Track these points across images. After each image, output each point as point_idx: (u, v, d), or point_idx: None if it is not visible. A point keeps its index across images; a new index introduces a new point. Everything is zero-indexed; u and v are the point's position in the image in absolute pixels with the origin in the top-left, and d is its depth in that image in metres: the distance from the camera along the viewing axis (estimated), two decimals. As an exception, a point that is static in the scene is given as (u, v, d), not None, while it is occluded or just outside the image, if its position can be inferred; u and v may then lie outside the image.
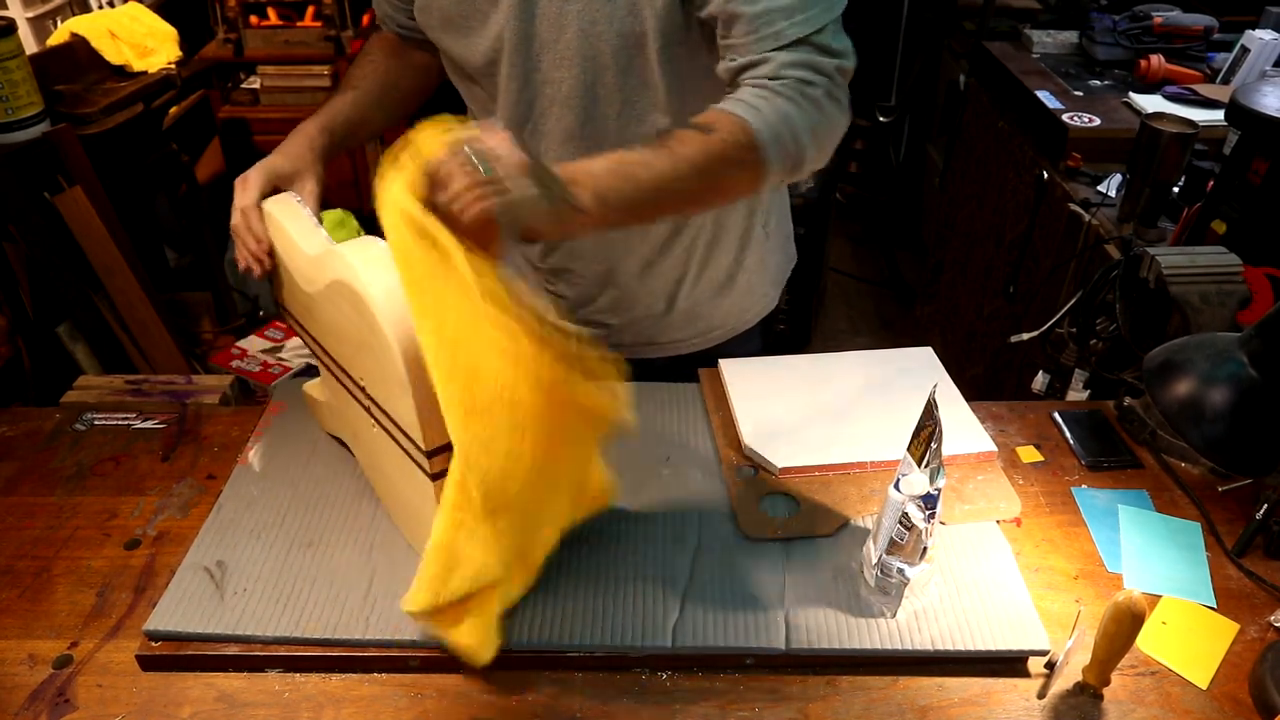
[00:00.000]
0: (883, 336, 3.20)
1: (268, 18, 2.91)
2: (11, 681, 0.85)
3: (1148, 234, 1.64)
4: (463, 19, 1.05)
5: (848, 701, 0.84)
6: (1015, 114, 2.26)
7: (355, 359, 0.89)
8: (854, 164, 3.71)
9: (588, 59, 1.01)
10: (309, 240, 0.93)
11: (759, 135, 0.88)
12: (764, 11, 0.91)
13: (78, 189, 2.01)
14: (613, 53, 1.00)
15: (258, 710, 0.83)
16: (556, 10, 0.99)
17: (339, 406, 1.03)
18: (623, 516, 1.00)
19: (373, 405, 0.89)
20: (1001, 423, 1.18)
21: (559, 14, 0.99)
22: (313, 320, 0.97)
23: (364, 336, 0.83)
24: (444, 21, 1.07)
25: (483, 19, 1.03)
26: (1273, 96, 1.47)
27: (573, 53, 1.01)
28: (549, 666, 0.87)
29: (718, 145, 0.87)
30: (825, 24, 0.92)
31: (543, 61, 1.03)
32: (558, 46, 1.01)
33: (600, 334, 1.27)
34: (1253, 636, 0.91)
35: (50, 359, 2.08)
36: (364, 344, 0.84)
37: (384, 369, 0.81)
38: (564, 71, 1.03)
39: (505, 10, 1.01)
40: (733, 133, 0.88)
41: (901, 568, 0.87)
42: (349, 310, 0.83)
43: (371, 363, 0.85)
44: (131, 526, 1.01)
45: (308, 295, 0.93)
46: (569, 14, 0.99)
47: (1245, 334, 0.84)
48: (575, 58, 1.01)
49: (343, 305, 0.84)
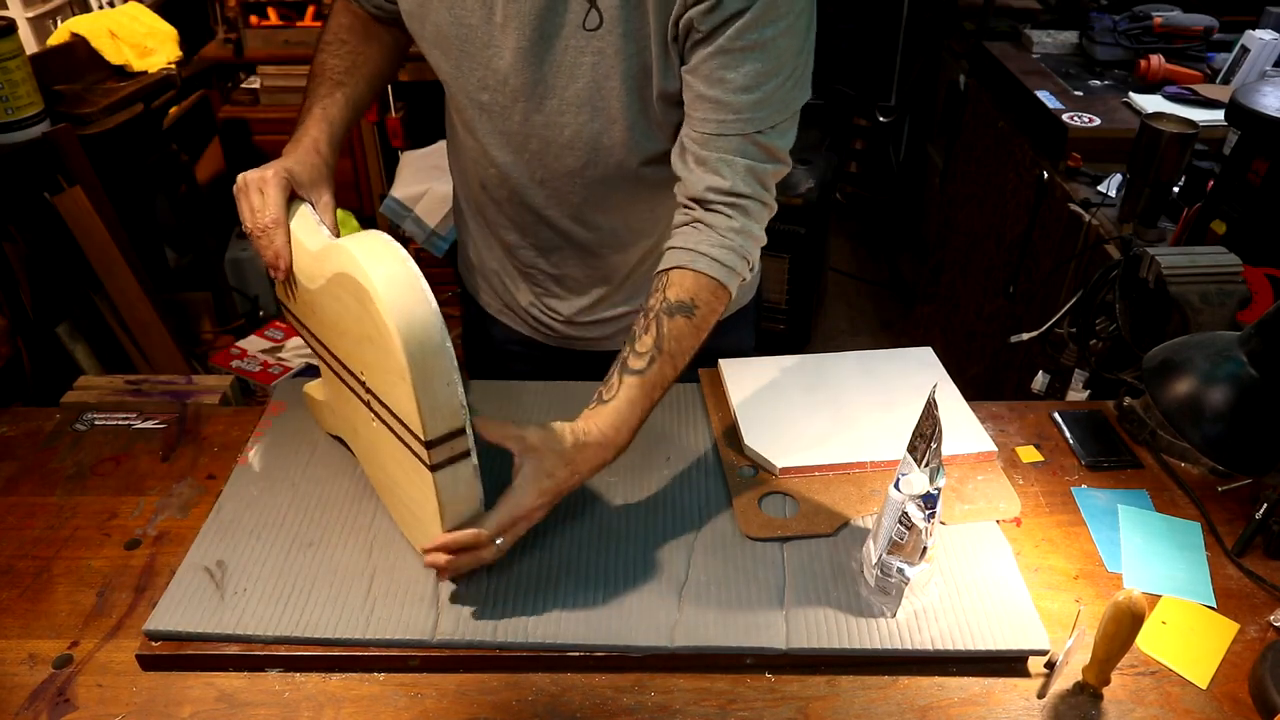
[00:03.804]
0: (883, 336, 3.20)
1: (268, 18, 2.91)
2: (11, 681, 0.85)
3: (1148, 234, 1.64)
4: (461, 43, 1.01)
5: (848, 701, 0.84)
6: (1015, 114, 2.26)
7: (355, 352, 0.89)
8: (854, 164, 3.71)
9: (597, 109, 1.00)
10: (312, 238, 0.93)
11: (728, 284, 0.97)
12: (725, 101, 0.94)
13: (77, 189, 2.01)
14: (623, 106, 0.99)
15: (258, 710, 0.83)
16: (571, 61, 0.97)
17: (339, 405, 1.03)
18: (623, 516, 1.00)
19: (373, 399, 0.89)
20: (1001, 423, 1.18)
21: (573, 64, 0.97)
22: (314, 317, 0.97)
23: (365, 328, 0.83)
24: (436, 39, 1.03)
25: (483, 48, 1.00)
26: (1273, 96, 1.47)
27: (581, 102, 1.00)
28: (549, 667, 0.87)
29: (702, 316, 0.96)
30: (778, 122, 0.97)
31: (547, 106, 1.01)
32: (565, 94, 1.00)
33: (597, 335, 1.27)
34: (1253, 636, 0.91)
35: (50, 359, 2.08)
36: (365, 336, 0.84)
37: (384, 360, 0.81)
38: (569, 117, 1.01)
39: (512, 53, 0.98)
40: (709, 300, 0.96)
41: (901, 568, 0.87)
42: (350, 302, 0.83)
43: (372, 354, 0.84)
44: (131, 526, 1.01)
45: (310, 292, 0.93)
46: (583, 65, 0.97)
47: (1245, 333, 0.84)
48: (584, 107, 1.00)
49: (344, 297, 0.85)
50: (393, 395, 0.84)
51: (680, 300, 0.95)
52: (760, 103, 0.94)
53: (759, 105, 0.94)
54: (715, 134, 0.96)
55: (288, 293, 1.01)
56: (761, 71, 0.92)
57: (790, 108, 0.98)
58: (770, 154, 0.98)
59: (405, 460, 0.87)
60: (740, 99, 0.93)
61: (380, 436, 0.91)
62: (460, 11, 0.99)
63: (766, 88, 0.93)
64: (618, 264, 1.20)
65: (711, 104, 0.94)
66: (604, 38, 0.95)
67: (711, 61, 0.92)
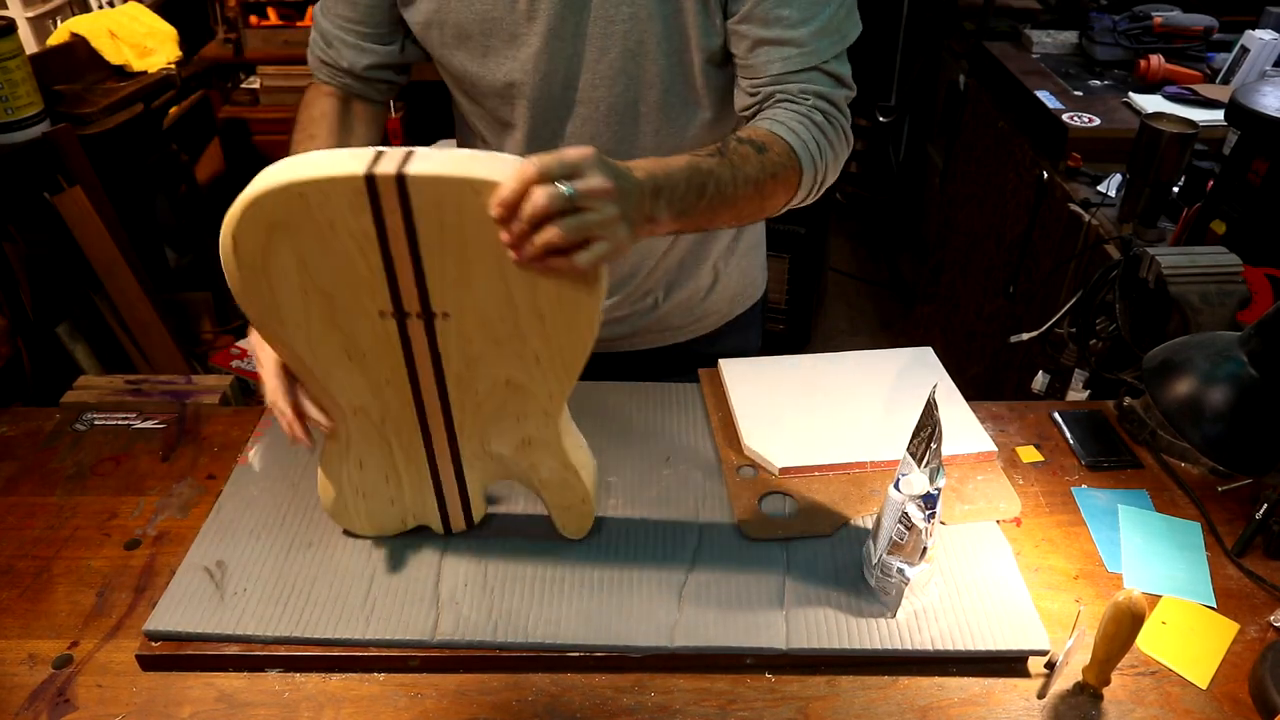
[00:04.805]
0: (883, 336, 3.20)
1: (268, 18, 2.91)
2: (11, 681, 0.85)
3: (1148, 234, 1.64)
4: (485, 37, 1.00)
5: (848, 701, 0.84)
6: (1015, 114, 2.26)
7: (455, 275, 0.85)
8: (854, 164, 3.71)
9: (632, 78, 0.99)
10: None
11: (800, 158, 0.93)
12: (786, 38, 0.94)
13: (77, 189, 2.01)
14: (659, 71, 0.99)
15: (258, 710, 0.83)
16: (601, 31, 0.96)
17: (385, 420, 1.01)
18: (623, 516, 1.00)
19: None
20: (1001, 423, 1.18)
21: (604, 34, 0.97)
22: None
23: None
24: (459, 39, 1.01)
25: (510, 38, 0.99)
26: (1273, 96, 1.47)
27: (615, 72, 0.99)
28: (549, 667, 0.87)
29: (770, 163, 0.91)
30: (840, 52, 0.98)
31: (580, 81, 1.00)
32: (599, 67, 0.99)
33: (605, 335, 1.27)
34: (1253, 636, 0.91)
35: (50, 359, 2.08)
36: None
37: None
38: (603, 91, 1.01)
39: (543, 32, 0.97)
40: (782, 152, 0.92)
41: (901, 568, 0.87)
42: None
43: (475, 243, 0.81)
44: (131, 526, 1.01)
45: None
46: (614, 34, 0.96)
47: (1245, 333, 0.84)
48: (618, 77, 0.99)
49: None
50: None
51: (749, 137, 0.92)
52: (821, 32, 0.95)
53: (820, 34, 0.95)
54: (783, 72, 0.96)
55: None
56: (814, 0, 0.94)
57: (847, 37, 0.99)
58: (840, 80, 0.99)
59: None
60: (800, 32, 0.94)
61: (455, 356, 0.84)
62: (482, 6, 0.98)
63: (823, 16, 0.95)
64: (636, 262, 1.20)
65: (773, 44, 0.95)
66: (636, 2, 0.95)
67: (765, 3, 0.93)
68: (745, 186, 0.89)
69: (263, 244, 0.75)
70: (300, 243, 0.75)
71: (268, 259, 0.75)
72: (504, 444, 0.90)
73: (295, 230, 0.74)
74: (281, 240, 0.75)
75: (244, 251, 0.75)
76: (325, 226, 0.74)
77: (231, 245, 0.75)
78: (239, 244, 0.74)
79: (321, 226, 0.74)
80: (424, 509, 0.95)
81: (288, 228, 0.74)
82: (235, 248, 0.75)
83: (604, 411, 1.14)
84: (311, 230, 0.74)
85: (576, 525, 0.96)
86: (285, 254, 0.76)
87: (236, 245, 0.75)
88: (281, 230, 0.74)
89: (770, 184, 0.92)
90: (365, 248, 0.75)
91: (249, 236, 0.74)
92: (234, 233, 0.74)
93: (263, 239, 0.74)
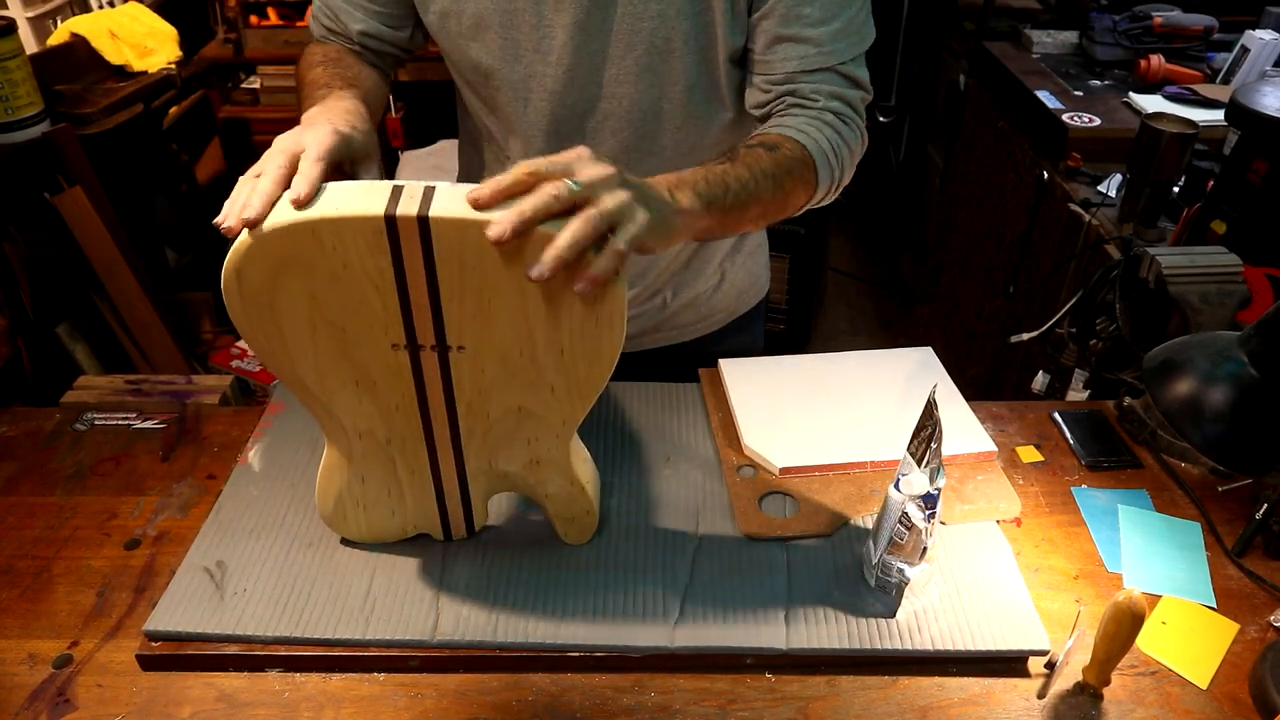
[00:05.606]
0: (883, 336, 3.20)
1: (268, 18, 2.91)
2: (11, 681, 0.85)
3: (1148, 234, 1.64)
4: (505, 29, 0.98)
5: (848, 701, 0.84)
6: (1015, 114, 2.26)
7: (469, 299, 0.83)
8: (854, 164, 3.70)
9: (658, 75, 0.99)
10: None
11: (814, 155, 0.94)
12: (805, 36, 0.94)
13: (77, 189, 2.02)
14: (684, 69, 0.98)
15: (258, 710, 0.83)
16: (629, 26, 0.95)
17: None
18: (623, 516, 1.00)
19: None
20: (1001, 423, 1.18)
21: (631, 30, 0.96)
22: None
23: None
24: (477, 29, 0.99)
25: (532, 30, 0.97)
26: (1273, 96, 1.47)
27: (641, 69, 0.98)
28: (549, 667, 0.87)
29: (785, 163, 0.91)
30: (857, 54, 0.98)
31: (605, 76, 0.99)
32: (624, 63, 0.98)
33: None
34: (1253, 636, 0.91)
35: (50, 359, 2.08)
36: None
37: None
38: (627, 88, 1.00)
39: (568, 25, 0.95)
40: (795, 152, 0.92)
41: (901, 568, 0.87)
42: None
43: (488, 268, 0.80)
44: (131, 526, 1.01)
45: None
46: (642, 30, 0.95)
47: (1245, 333, 0.84)
48: (644, 74, 0.98)
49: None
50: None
51: (758, 141, 0.92)
52: (839, 33, 0.95)
53: (838, 36, 0.95)
54: (798, 70, 0.96)
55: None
56: (836, 1, 0.94)
57: (865, 40, 0.99)
58: (856, 81, 0.99)
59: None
60: (819, 31, 0.94)
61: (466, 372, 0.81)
62: None
63: (843, 17, 0.95)
64: (647, 264, 1.20)
65: (791, 41, 0.95)
66: None
67: (786, 0, 0.94)
68: (765, 180, 0.89)
69: (269, 279, 0.71)
70: (311, 280, 0.72)
71: (275, 294, 0.72)
72: (512, 463, 0.90)
73: (306, 267, 0.71)
74: (290, 276, 0.71)
75: (249, 286, 0.71)
76: (338, 265, 0.71)
77: (235, 278, 0.71)
78: (243, 278, 0.71)
79: (334, 265, 0.71)
80: (425, 519, 0.95)
81: (298, 264, 0.70)
82: (239, 281, 0.71)
83: (604, 411, 1.14)
84: (324, 268, 0.71)
85: (579, 534, 0.96)
86: (294, 289, 0.72)
87: (240, 279, 0.71)
88: (291, 266, 0.71)
89: (787, 180, 0.91)
90: (381, 286, 0.72)
91: (255, 271, 0.71)
92: (238, 266, 0.70)
93: (269, 274, 0.71)
